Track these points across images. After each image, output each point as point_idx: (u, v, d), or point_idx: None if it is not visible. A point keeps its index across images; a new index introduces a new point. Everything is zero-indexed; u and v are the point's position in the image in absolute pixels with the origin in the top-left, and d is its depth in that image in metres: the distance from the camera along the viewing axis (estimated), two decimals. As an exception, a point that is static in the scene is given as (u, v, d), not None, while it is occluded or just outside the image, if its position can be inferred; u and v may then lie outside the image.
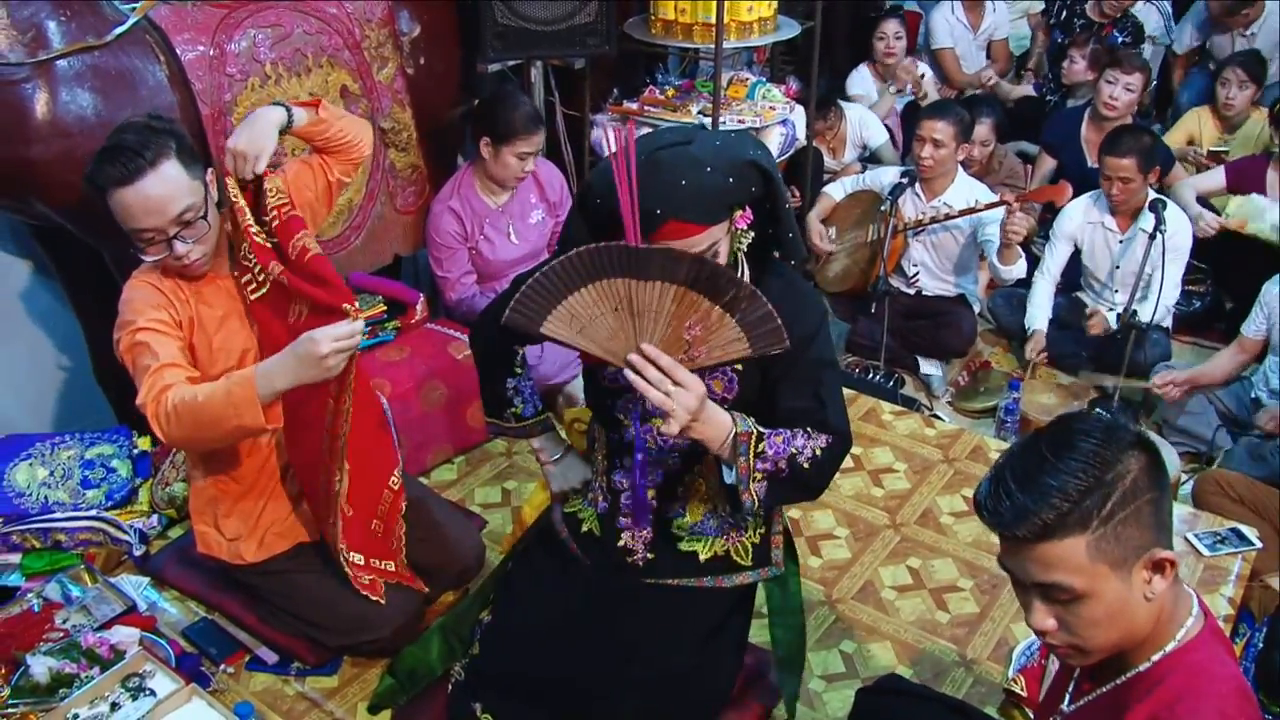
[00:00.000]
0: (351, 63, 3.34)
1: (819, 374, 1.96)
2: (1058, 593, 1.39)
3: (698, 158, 1.77)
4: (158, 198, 2.12)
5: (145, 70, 2.90)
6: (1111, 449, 1.37)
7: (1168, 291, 3.93)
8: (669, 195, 1.73)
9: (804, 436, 1.92)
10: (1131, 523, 1.37)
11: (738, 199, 1.81)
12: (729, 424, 1.85)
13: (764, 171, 1.83)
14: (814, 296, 2.05)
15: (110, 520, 2.90)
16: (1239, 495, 3.19)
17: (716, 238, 1.80)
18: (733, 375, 1.96)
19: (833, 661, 2.70)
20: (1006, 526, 1.39)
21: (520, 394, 2.22)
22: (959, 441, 3.58)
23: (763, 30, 4.05)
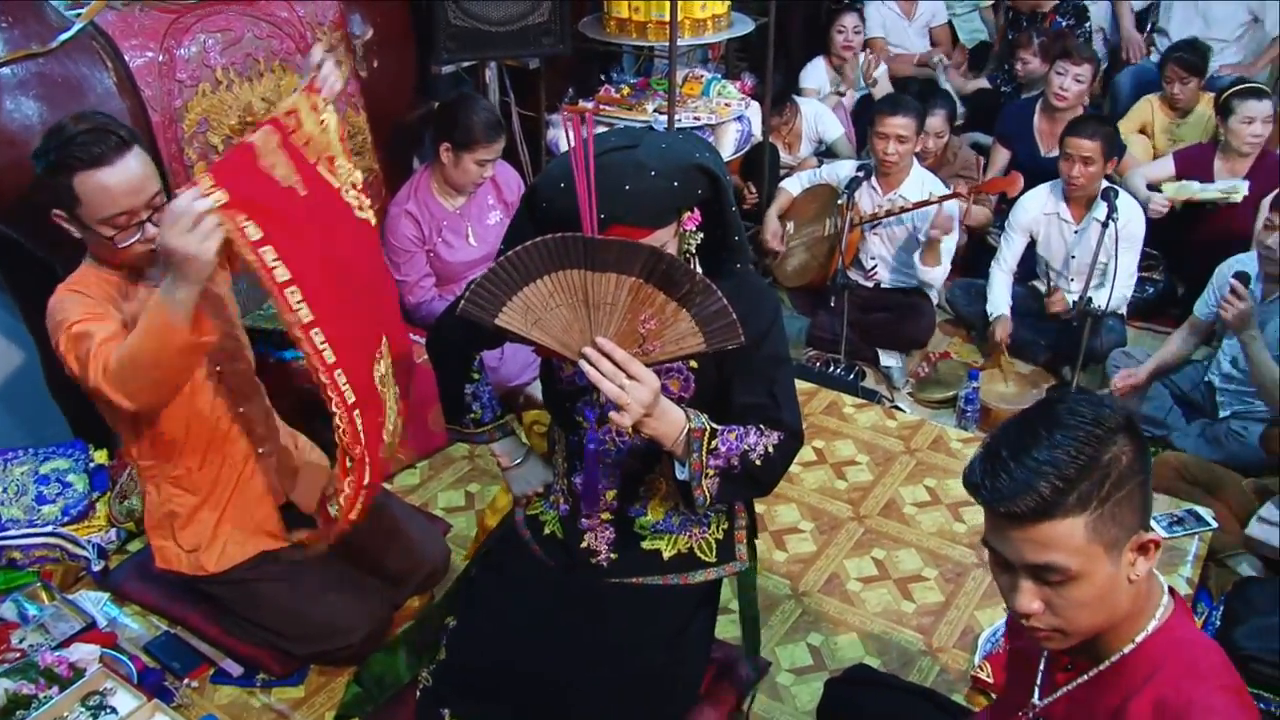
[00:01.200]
0: (304, 66, 3.31)
1: (773, 371, 1.97)
2: (1050, 574, 1.39)
3: (642, 162, 1.76)
4: (140, 176, 2.14)
5: (93, 77, 2.85)
6: (1104, 429, 1.37)
7: (1122, 279, 3.98)
8: (613, 200, 1.72)
9: (756, 434, 1.94)
10: (1125, 504, 1.37)
11: (684, 202, 1.81)
12: (682, 420, 1.86)
13: (711, 175, 1.83)
14: (767, 294, 2.06)
15: (67, 536, 2.85)
16: (1195, 477, 3.24)
17: (663, 240, 1.79)
18: (689, 374, 1.97)
19: (800, 654, 2.71)
20: (1006, 502, 1.37)
21: (478, 399, 2.21)
22: (920, 432, 3.60)
23: (716, 27, 4.06)
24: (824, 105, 5.24)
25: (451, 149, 3.42)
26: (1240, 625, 2.65)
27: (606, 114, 4.14)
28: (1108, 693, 1.49)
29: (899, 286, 4.35)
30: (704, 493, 1.92)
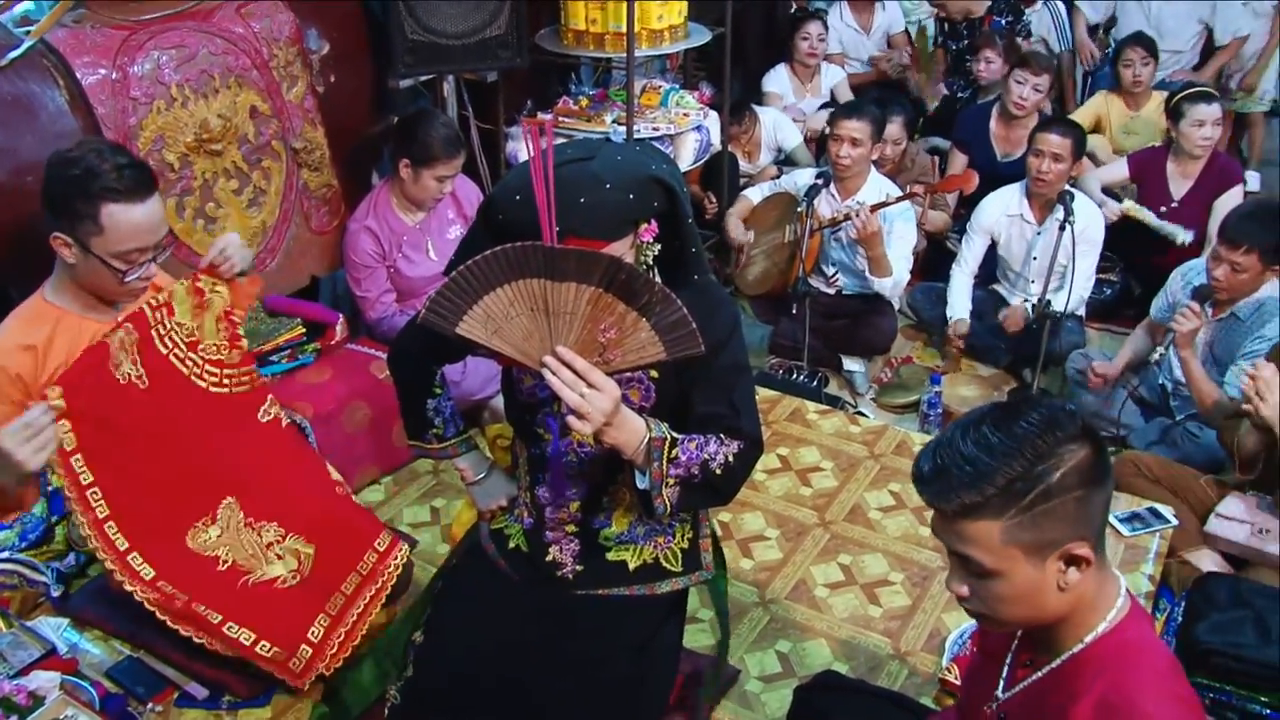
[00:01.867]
0: (260, 82, 3.30)
1: (732, 379, 1.99)
2: (971, 564, 1.44)
3: (598, 175, 1.77)
4: (161, 216, 2.22)
5: (44, 95, 2.83)
6: (1050, 439, 1.39)
7: (1080, 281, 4.03)
8: (568, 214, 1.73)
9: (716, 443, 1.95)
10: (1051, 516, 1.39)
11: (640, 214, 1.82)
12: (643, 429, 1.86)
13: (667, 187, 1.83)
14: (726, 302, 2.07)
15: (25, 561, 2.80)
16: (1155, 475, 3.28)
17: (619, 252, 1.80)
18: (650, 384, 1.98)
19: (769, 662, 2.71)
20: (932, 497, 1.44)
21: (440, 414, 2.21)
22: (884, 437, 3.62)
23: (674, 37, 4.08)
24: (783, 114, 5.27)
25: (410, 165, 3.41)
26: (1202, 621, 2.68)
27: (565, 125, 4.15)
28: (1057, 690, 1.52)
29: (860, 292, 4.38)
30: (664, 501, 1.93)
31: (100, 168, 2.12)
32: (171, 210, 3.12)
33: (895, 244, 4.17)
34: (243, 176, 3.31)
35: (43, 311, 2.26)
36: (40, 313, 2.26)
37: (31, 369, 2.23)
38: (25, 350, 2.22)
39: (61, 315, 2.26)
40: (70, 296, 2.28)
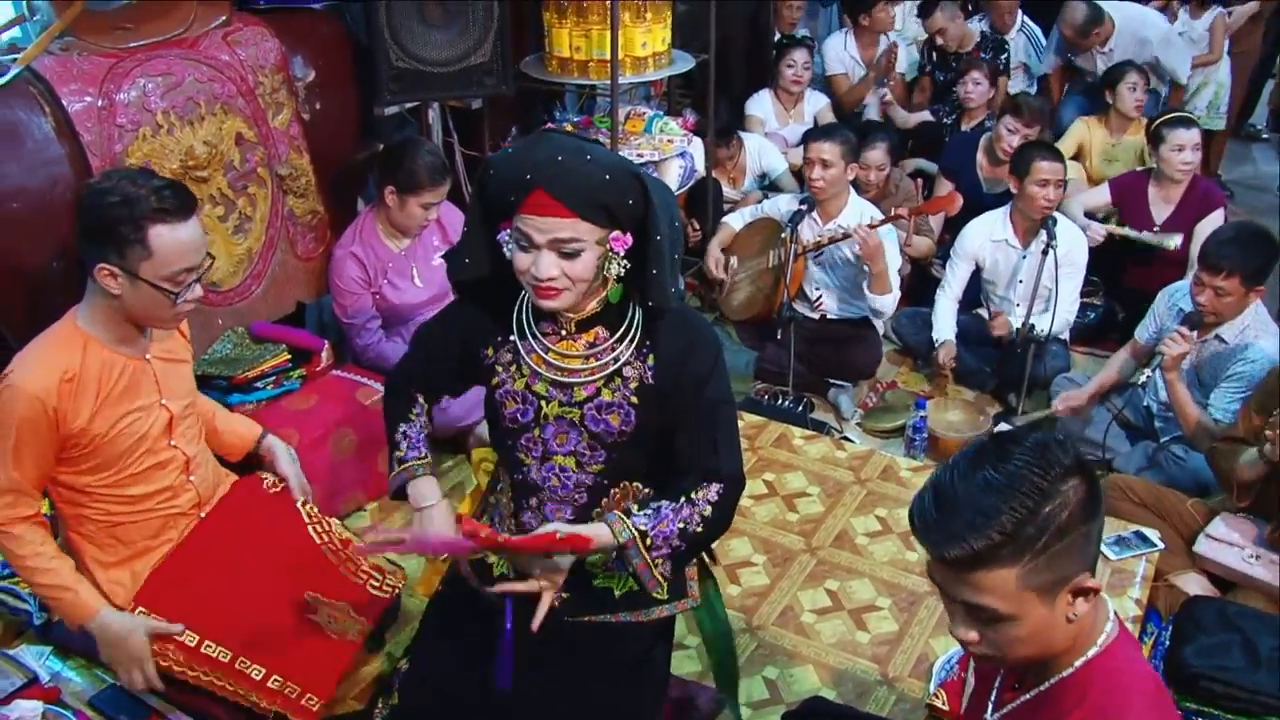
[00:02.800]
0: (246, 110, 3.30)
1: (714, 414, 2.00)
2: (982, 612, 1.41)
3: (583, 146, 1.84)
4: (202, 235, 2.25)
5: (30, 122, 2.82)
6: (1051, 477, 1.36)
7: (1064, 305, 4.06)
8: (542, 165, 1.80)
9: (688, 506, 1.95)
10: (1065, 554, 1.37)
11: (613, 202, 1.83)
12: (609, 538, 1.89)
13: (644, 187, 1.85)
14: (708, 332, 2.06)
15: (8, 589, 2.78)
16: (1141, 499, 3.29)
17: (582, 236, 1.83)
18: (630, 410, 1.98)
19: (757, 688, 2.70)
20: (938, 548, 1.39)
21: (407, 438, 2.18)
22: (870, 462, 3.62)
23: (657, 65, 4.10)
24: (767, 140, 5.30)
25: (396, 192, 3.42)
26: (1189, 644, 2.68)
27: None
28: (1043, 715, 1.52)
29: (845, 317, 4.39)
30: (658, 581, 1.96)
31: (139, 192, 2.12)
32: (157, 237, 3.12)
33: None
34: (228, 203, 3.31)
35: (74, 337, 2.24)
36: (72, 339, 2.24)
37: (70, 402, 2.21)
38: (66, 383, 2.20)
39: (89, 342, 2.24)
40: (103, 327, 2.26)
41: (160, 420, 2.38)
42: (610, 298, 1.96)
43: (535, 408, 2.02)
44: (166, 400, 2.38)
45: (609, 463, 2.04)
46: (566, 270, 1.85)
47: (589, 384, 1.98)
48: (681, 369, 1.97)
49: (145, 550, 2.43)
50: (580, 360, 1.99)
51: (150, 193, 2.13)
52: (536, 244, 1.84)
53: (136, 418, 2.32)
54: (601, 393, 1.98)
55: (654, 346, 1.98)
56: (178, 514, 2.46)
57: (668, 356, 1.97)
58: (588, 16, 3.90)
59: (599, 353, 1.98)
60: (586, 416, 1.99)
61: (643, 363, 1.98)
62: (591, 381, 1.98)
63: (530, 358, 2.01)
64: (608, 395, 1.98)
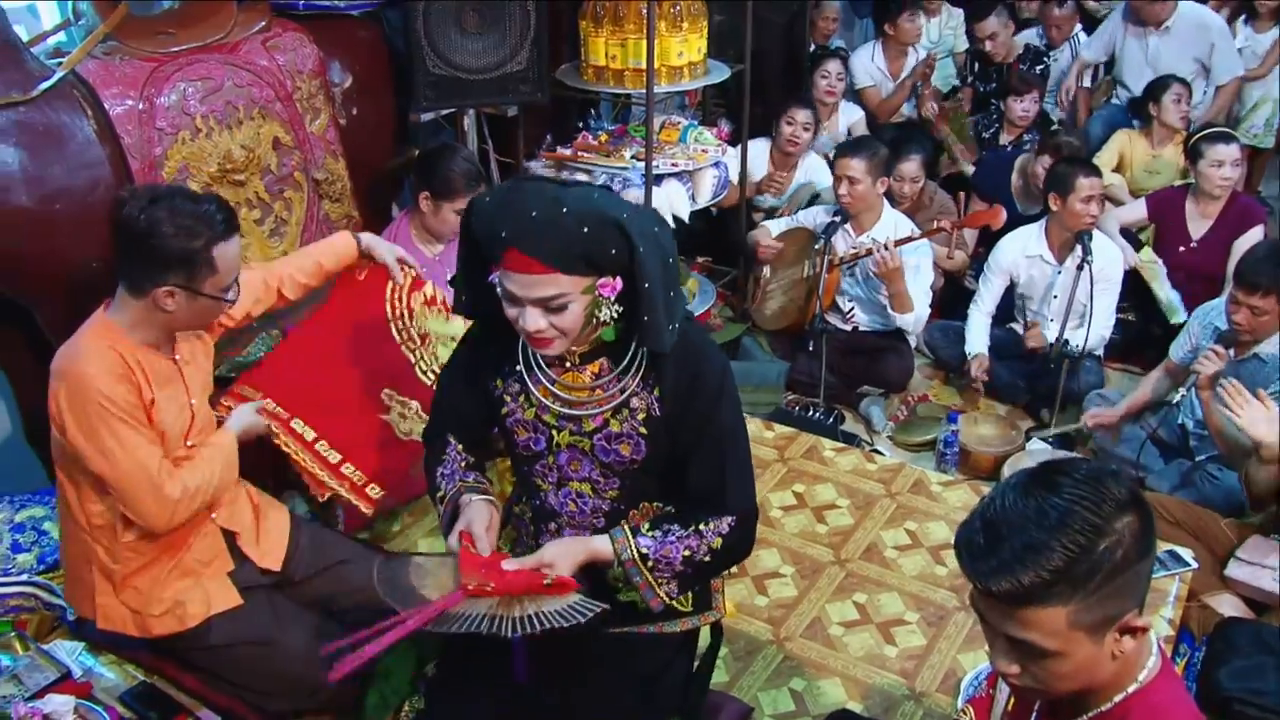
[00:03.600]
0: (283, 114, 3.33)
1: (723, 447, 1.96)
2: (1027, 648, 1.37)
3: (558, 198, 1.75)
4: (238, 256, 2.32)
5: (73, 125, 2.86)
6: (1105, 513, 1.31)
7: (1100, 320, 4.03)
8: (515, 221, 1.74)
9: (695, 537, 1.94)
10: (1117, 593, 1.34)
11: (593, 253, 1.76)
12: (609, 553, 1.92)
13: (627, 235, 1.75)
14: (714, 361, 1.98)
15: (43, 585, 2.82)
16: (1175, 518, 3.25)
17: (565, 289, 1.77)
18: (640, 439, 1.95)
19: (783, 700, 2.69)
20: (984, 579, 1.34)
21: (444, 478, 2.15)
22: (900, 475, 3.61)
23: (693, 74, 4.10)
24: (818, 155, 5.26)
25: (431, 198, 3.44)
26: (1223, 666, 2.65)
27: (585, 160, 4.17)
28: None
29: (877, 329, 4.38)
30: (662, 600, 1.97)
31: (202, 214, 2.19)
32: (194, 239, 3.15)
33: (916, 279, 4.19)
34: (265, 207, 3.34)
35: (109, 334, 2.26)
36: (108, 335, 2.26)
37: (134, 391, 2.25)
38: (125, 378, 2.23)
39: (126, 342, 2.27)
40: (139, 331, 2.29)
41: (184, 420, 2.40)
42: (604, 338, 1.90)
43: (547, 436, 2.00)
44: (194, 400, 2.41)
45: (624, 489, 2.02)
46: (554, 322, 1.80)
47: (597, 415, 1.95)
48: (688, 400, 1.93)
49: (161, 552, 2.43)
50: (586, 392, 1.95)
51: (209, 215, 2.20)
52: (520, 300, 1.80)
53: (173, 417, 2.35)
54: (610, 423, 1.95)
55: (659, 378, 1.93)
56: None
57: (673, 388, 1.93)
58: (624, 25, 3.91)
59: (605, 384, 1.95)
60: (597, 447, 1.97)
61: (649, 394, 1.93)
62: (599, 413, 1.95)
63: (537, 389, 1.98)
64: (616, 426, 1.95)
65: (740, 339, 4.58)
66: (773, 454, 3.71)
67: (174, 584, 2.45)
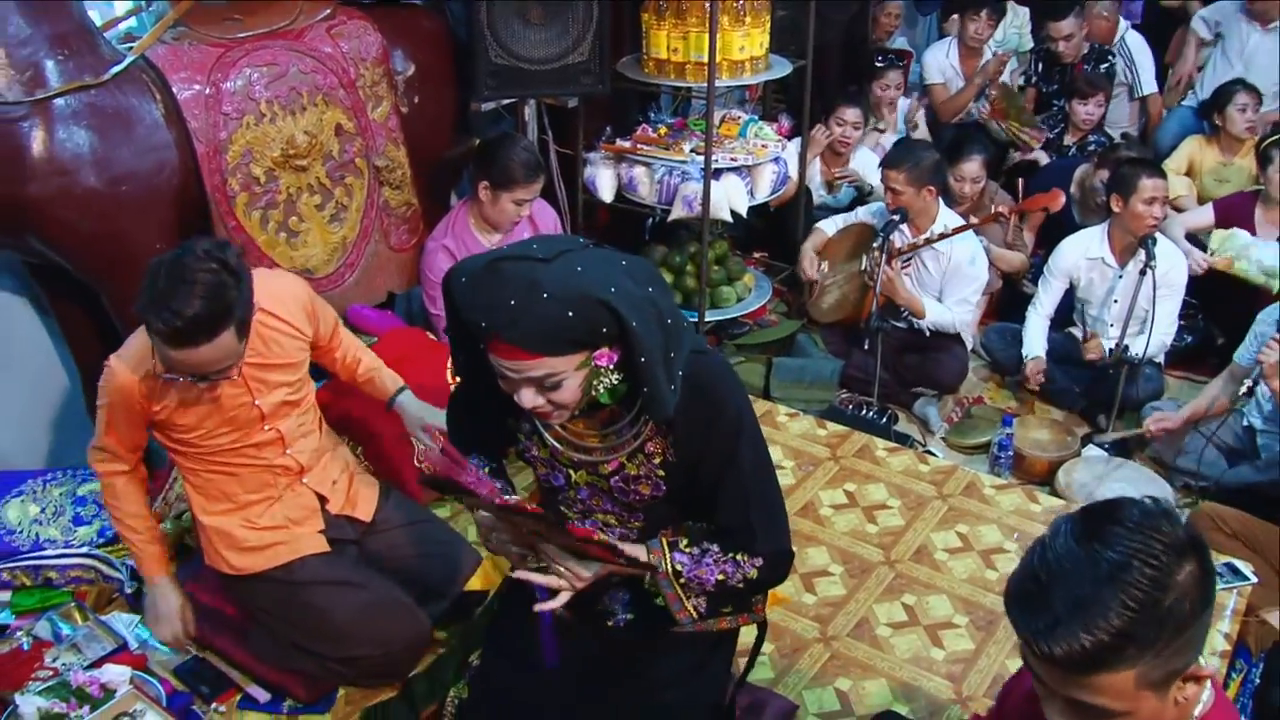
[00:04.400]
0: (346, 101, 3.37)
1: (746, 489, 1.88)
2: (1091, 711, 1.28)
3: (537, 281, 1.60)
4: (200, 362, 2.16)
5: (142, 108, 2.91)
6: (1164, 564, 1.22)
7: (1161, 327, 3.95)
8: (495, 311, 1.62)
9: (732, 564, 1.90)
10: (1183, 648, 1.27)
11: (583, 335, 1.65)
12: (644, 559, 1.88)
13: (616, 313, 1.62)
14: (728, 399, 1.86)
15: (102, 557, 2.88)
16: (1234, 530, 3.19)
17: (558, 369, 1.67)
18: (657, 480, 1.90)
19: (828, 699, 2.68)
20: (1040, 642, 1.25)
21: None
22: (953, 478, 3.58)
23: (754, 69, 4.08)
24: (873, 154, 5.22)
25: (490, 187, 3.46)
26: None
27: (644, 153, 4.17)
28: None
29: (933, 328, 4.35)
30: (690, 614, 1.94)
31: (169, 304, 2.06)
32: (256, 223, 3.20)
33: (958, 285, 4.17)
34: (326, 192, 3.38)
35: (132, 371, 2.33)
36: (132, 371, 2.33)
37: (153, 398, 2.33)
38: (146, 379, 2.31)
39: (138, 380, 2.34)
40: None
41: (251, 414, 2.44)
42: (602, 400, 1.78)
43: (565, 474, 1.96)
44: (259, 401, 2.43)
45: (648, 520, 1.99)
46: (551, 399, 1.71)
47: (611, 459, 1.89)
48: (704, 446, 1.84)
49: (247, 504, 2.52)
50: (598, 438, 1.89)
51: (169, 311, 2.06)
52: (513, 381, 1.71)
53: (227, 415, 2.40)
54: (626, 467, 1.89)
55: (671, 426, 1.83)
56: (278, 475, 2.54)
57: (686, 434, 1.84)
58: (686, 19, 3.90)
59: (618, 430, 1.87)
60: (614, 488, 1.93)
61: (663, 439, 1.86)
62: (614, 458, 1.89)
63: (549, 433, 1.92)
64: (633, 469, 1.89)
65: (795, 335, 4.56)
66: (825, 452, 3.69)
67: (264, 532, 2.52)
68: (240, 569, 2.53)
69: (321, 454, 2.64)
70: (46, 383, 3.42)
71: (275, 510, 2.54)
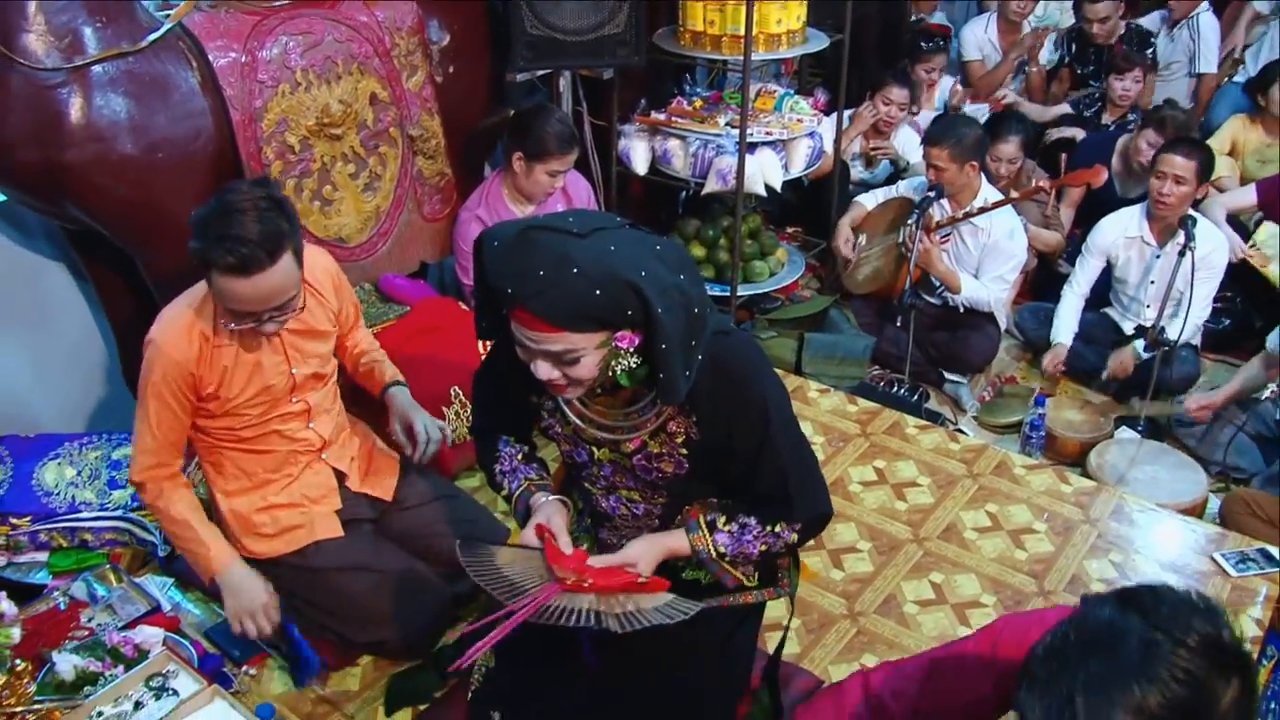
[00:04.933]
0: (381, 70, 3.37)
1: (783, 463, 1.88)
2: None
3: (568, 254, 1.60)
4: (269, 290, 2.19)
5: (178, 76, 2.93)
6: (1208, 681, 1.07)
7: (1197, 309, 3.90)
8: (523, 280, 1.61)
9: (772, 536, 1.93)
10: None
11: (607, 315, 1.63)
12: (685, 546, 1.93)
13: (644, 298, 1.61)
14: (754, 382, 1.85)
15: (136, 521, 2.92)
16: (1268, 515, 3.16)
17: (577, 345, 1.65)
18: (680, 459, 1.90)
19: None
20: None
21: (504, 475, 2.12)
22: (983, 456, 3.56)
23: (791, 42, 4.05)
24: (913, 132, 5.17)
25: (524, 158, 3.45)
26: (1310, 669, 2.57)
27: (678, 126, 4.16)
28: None
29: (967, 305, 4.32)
30: (739, 580, 2.00)
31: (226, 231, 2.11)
32: (290, 191, 3.20)
33: (996, 261, 4.13)
34: (360, 161, 3.39)
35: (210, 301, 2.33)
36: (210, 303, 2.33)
37: (208, 366, 2.34)
38: (204, 342, 2.32)
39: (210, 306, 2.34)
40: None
41: (285, 384, 2.47)
42: (620, 382, 1.76)
43: (588, 451, 1.96)
44: (295, 369, 2.46)
45: (672, 497, 1.99)
46: (567, 373, 1.71)
47: (633, 438, 1.89)
48: (729, 427, 1.84)
49: (266, 482, 2.54)
50: (620, 415, 1.88)
51: (228, 239, 2.10)
52: (530, 351, 1.71)
53: (265, 383, 2.42)
54: (648, 445, 1.89)
55: (694, 405, 1.82)
56: (298, 453, 2.56)
57: (709, 415, 1.84)
58: (723, -9, 3.87)
59: (640, 409, 1.86)
60: (637, 466, 1.93)
61: (686, 419, 1.85)
62: (636, 436, 1.88)
63: (570, 409, 1.92)
64: (655, 447, 1.89)
65: (827, 311, 4.54)
66: (855, 428, 3.68)
67: (281, 511, 2.54)
68: (256, 554, 2.56)
69: (341, 430, 2.66)
70: (83, 348, 3.47)
71: (293, 488, 2.56)
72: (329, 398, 2.61)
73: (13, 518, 2.85)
